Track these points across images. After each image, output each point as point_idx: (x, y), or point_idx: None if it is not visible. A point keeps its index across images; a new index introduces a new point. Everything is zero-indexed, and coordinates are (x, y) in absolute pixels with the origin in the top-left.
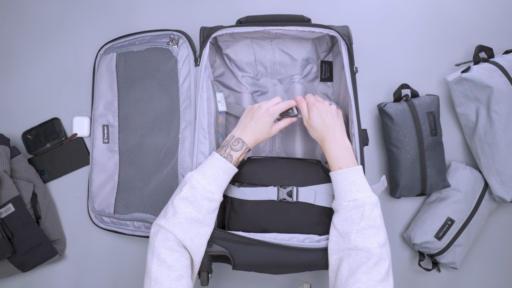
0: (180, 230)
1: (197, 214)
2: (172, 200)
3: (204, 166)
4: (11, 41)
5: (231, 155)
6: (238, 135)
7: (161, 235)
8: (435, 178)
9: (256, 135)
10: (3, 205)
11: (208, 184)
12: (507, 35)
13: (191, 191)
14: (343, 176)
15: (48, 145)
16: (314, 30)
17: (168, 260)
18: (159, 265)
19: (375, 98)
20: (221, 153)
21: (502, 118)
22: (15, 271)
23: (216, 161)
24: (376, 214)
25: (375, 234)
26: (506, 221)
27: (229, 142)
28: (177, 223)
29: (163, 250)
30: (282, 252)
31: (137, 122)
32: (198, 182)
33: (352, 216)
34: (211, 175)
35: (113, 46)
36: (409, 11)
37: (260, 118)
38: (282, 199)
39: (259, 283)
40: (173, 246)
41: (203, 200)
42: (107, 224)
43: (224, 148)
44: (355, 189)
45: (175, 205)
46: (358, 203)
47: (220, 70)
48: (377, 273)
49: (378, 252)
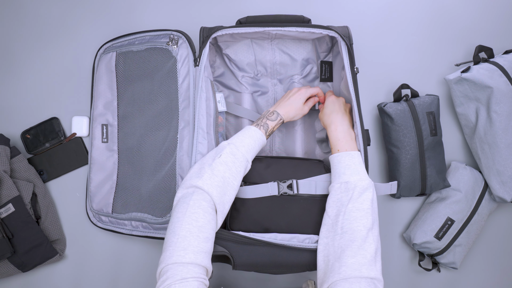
0: (217, 193)
1: (233, 180)
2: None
3: (241, 135)
4: (11, 40)
5: (267, 124)
6: (273, 109)
7: (198, 195)
8: (435, 178)
9: (289, 109)
10: (3, 205)
11: (247, 152)
12: (507, 35)
13: (231, 157)
14: (338, 159)
15: (47, 144)
16: (314, 31)
17: (201, 220)
18: (190, 223)
19: (375, 98)
20: (258, 123)
21: (502, 118)
22: (15, 271)
23: (252, 132)
24: (365, 198)
25: (362, 217)
26: (506, 221)
27: (264, 115)
28: (216, 185)
29: (198, 210)
30: (282, 252)
31: (136, 122)
32: (238, 149)
33: (342, 198)
34: (249, 144)
35: (112, 46)
36: (409, 11)
37: (292, 96)
38: (283, 193)
39: (259, 283)
40: (207, 208)
41: (241, 167)
42: (105, 224)
43: (261, 119)
44: (348, 172)
45: (214, 168)
46: (349, 186)
47: (220, 70)
48: (362, 256)
49: (363, 235)
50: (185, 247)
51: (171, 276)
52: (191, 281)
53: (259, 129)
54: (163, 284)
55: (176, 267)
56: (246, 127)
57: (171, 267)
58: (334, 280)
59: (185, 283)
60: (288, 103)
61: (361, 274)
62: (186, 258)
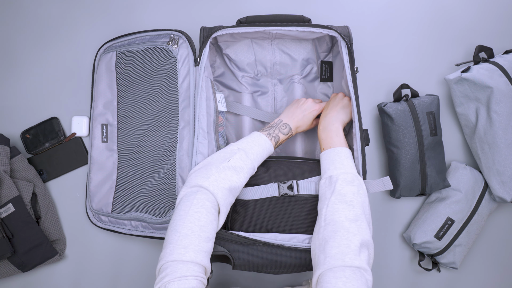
0: (222, 195)
1: (239, 185)
2: (217, 165)
3: (251, 142)
4: (11, 40)
5: (278, 136)
6: (286, 121)
7: (202, 194)
8: (435, 178)
9: (301, 124)
10: (3, 205)
11: (255, 160)
12: (507, 35)
13: (239, 163)
14: (325, 156)
15: (47, 144)
16: (314, 31)
17: (203, 220)
18: (192, 222)
19: (375, 98)
20: (269, 132)
21: (502, 118)
22: (15, 271)
23: (263, 141)
24: (348, 190)
25: (344, 209)
26: (506, 221)
27: (277, 125)
28: (222, 187)
29: (201, 209)
30: (282, 252)
31: (136, 122)
32: (248, 156)
33: (326, 192)
34: (258, 152)
35: (113, 45)
36: (409, 11)
37: (306, 110)
38: (283, 194)
39: (259, 283)
40: (210, 208)
41: (247, 173)
42: (105, 224)
43: (273, 129)
44: (332, 166)
45: (222, 171)
46: (332, 179)
47: (220, 70)
48: (345, 246)
49: (345, 225)
50: (186, 245)
51: (170, 273)
52: (190, 279)
53: (269, 140)
54: (162, 280)
55: (176, 264)
56: (256, 133)
57: (171, 264)
58: (320, 272)
59: (184, 281)
60: (302, 118)
61: (345, 263)
62: (187, 257)
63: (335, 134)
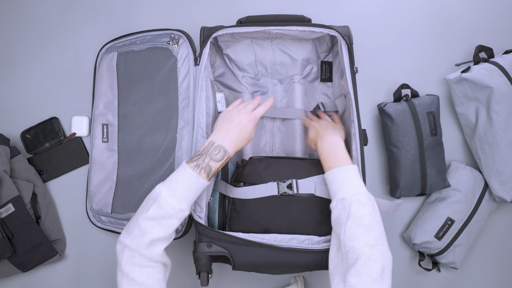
0: (146, 248)
1: (164, 233)
2: (138, 217)
3: (174, 180)
4: (11, 40)
5: (209, 165)
6: (219, 142)
7: (127, 253)
8: (435, 178)
9: (238, 142)
10: (3, 205)
11: (178, 202)
12: (507, 35)
13: (158, 211)
14: (332, 176)
15: (47, 144)
16: (315, 30)
17: (138, 278)
18: (129, 285)
19: (375, 98)
20: (198, 163)
21: (502, 118)
22: (15, 271)
23: (187, 176)
24: (364, 212)
25: (363, 234)
26: (506, 221)
27: (208, 150)
28: (142, 243)
29: (131, 269)
30: (282, 253)
31: (136, 122)
32: (167, 202)
33: (340, 216)
34: (182, 192)
35: (114, 46)
36: (409, 11)
37: (241, 123)
38: (283, 193)
39: (259, 283)
40: (142, 263)
41: (172, 219)
42: (105, 224)
43: (202, 158)
44: (343, 188)
45: (141, 224)
46: (345, 202)
47: (220, 70)
48: (367, 275)
49: (366, 252)
50: None
51: None
52: None
53: (197, 173)
54: None
55: None
56: (183, 165)
57: None
58: None
59: None
60: (238, 135)
61: None
62: None
63: (340, 151)
